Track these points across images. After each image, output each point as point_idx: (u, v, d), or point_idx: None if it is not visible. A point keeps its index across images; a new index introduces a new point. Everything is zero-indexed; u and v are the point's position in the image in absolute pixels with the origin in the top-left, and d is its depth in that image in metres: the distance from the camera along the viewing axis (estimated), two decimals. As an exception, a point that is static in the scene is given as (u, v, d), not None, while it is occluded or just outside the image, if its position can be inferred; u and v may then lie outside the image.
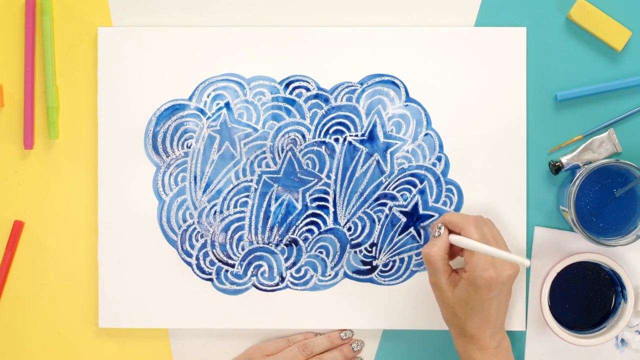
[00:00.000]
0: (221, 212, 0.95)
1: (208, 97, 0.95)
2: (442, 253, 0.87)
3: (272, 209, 0.95)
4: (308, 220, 0.95)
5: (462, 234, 0.86)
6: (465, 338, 0.87)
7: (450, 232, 0.88)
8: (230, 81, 0.95)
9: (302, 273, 0.95)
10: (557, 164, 0.94)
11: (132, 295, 0.95)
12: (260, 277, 0.95)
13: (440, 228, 0.88)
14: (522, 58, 0.94)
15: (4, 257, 0.95)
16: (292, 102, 0.95)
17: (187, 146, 0.95)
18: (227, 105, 0.95)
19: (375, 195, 0.95)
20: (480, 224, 0.87)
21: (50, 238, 0.96)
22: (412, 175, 0.95)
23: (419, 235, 0.95)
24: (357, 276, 0.95)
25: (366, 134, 0.95)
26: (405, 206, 0.95)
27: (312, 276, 0.95)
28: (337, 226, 0.95)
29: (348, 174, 0.95)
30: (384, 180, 0.95)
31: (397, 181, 0.95)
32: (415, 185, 0.95)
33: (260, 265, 0.95)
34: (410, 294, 0.95)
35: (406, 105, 0.95)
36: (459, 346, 0.88)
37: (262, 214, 0.95)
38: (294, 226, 0.95)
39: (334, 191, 0.95)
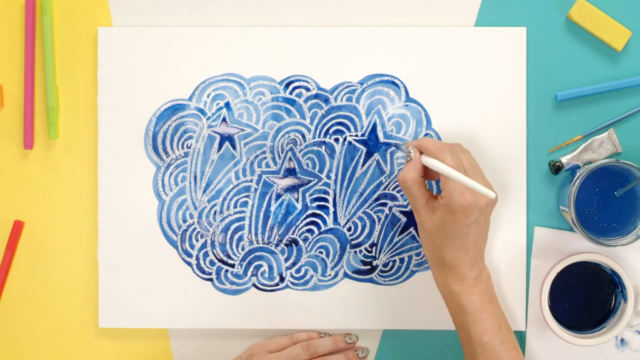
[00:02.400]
0: (221, 212, 0.95)
1: (208, 97, 0.95)
2: (417, 176, 0.86)
3: (272, 209, 0.95)
4: (308, 220, 0.95)
5: (437, 159, 0.84)
6: (444, 268, 0.85)
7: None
8: (230, 81, 0.95)
9: (302, 273, 0.95)
10: (557, 164, 0.94)
11: (132, 295, 0.95)
12: (260, 277, 0.95)
13: (411, 152, 0.87)
14: (522, 58, 0.95)
15: (4, 257, 0.95)
16: (292, 102, 0.95)
17: (187, 146, 0.95)
18: (227, 105, 0.95)
19: (375, 195, 0.95)
20: (456, 151, 0.85)
21: (50, 238, 0.96)
22: (412, 175, 0.95)
23: (419, 235, 0.95)
24: (357, 276, 0.95)
25: (366, 134, 0.95)
26: (405, 206, 0.95)
27: (312, 276, 0.95)
28: (337, 226, 0.95)
29: (348, 174, 0.95)
30: (384, 180, 0.95)
31: (397, 181, 0.95)
32: (415, 185, 0.95)
33: (260, 265, 0.95)
34: (410, 294, 0.95)
35: (406, 105, 0.95)
36: (438, 278, 0.86)
37: (262, 214, 0.95)
38: (294, 226, 0.95)
39: (334, 191, 0.95)
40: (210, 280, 0.95)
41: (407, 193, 0.86)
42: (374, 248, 0.95)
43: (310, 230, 0.95)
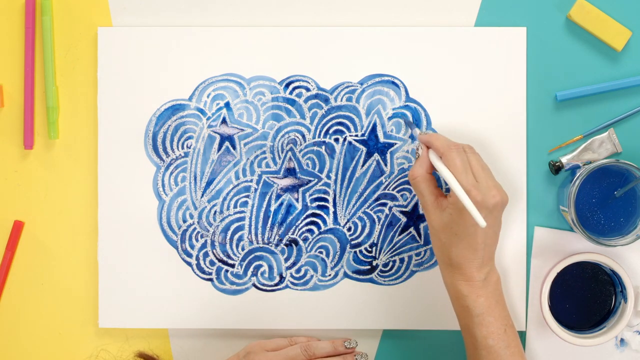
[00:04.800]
0: (221, 212, 0.95)
1: (208, 97, 0.95)
2: (425, 174, 0.86)
3: (272, 209, 0.95)
4: (308, 220, 0.95)
5: (442, 159, 0.84)
6: (452, 268, 0.85)
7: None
8: (230, 81, 0.95)
9: (302, 273, 0.95)
10: (557, 164, 0.94)
11: (132, 295, 0.95)
12: (260, 277, 0.95)
13: (419, 148, 0.87)
14: (522, 58, 0.95)
15: (4, 257, 0.95)
16: (292, 102, 0.95)
17: (187, 146, 0.95)
18: (227, 105, 0.95)
19: (375, 195, 0.95)
20: (462, 151, 0.84)
21: (50, 238, 0.96)
22: (412, 175, 0.95)
23: (419, 235, 0.95)
24: (357, 276, 0.95)
25: (366, 134, 0.95)
26: (405, 206, 0.95)
27: (312, 276, 0.95)
28: (337, 226, 0.95)
29: (348, 174, 0.95)
30: (383, 180, 0.95)
31: (397, 181, 0.95)
32: (415, 185, 0.95)
33: (260, 265, 0.95)
34: (410, 294, 0.95)
35: (406, 105, 0.95)
36: (446, 277, 0.86)
37: (262, 214, 0.95)
38: (294, 226, 0.95)
39: (334, 191, 0.95)
40: (210, 280, 0.95)
41: (415, 190, 0.87)
42: (374, 248, 0.95)
43: (310, 230, 0.95)
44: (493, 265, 0.86)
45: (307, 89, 0.95)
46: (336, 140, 0.95)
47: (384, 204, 0.95)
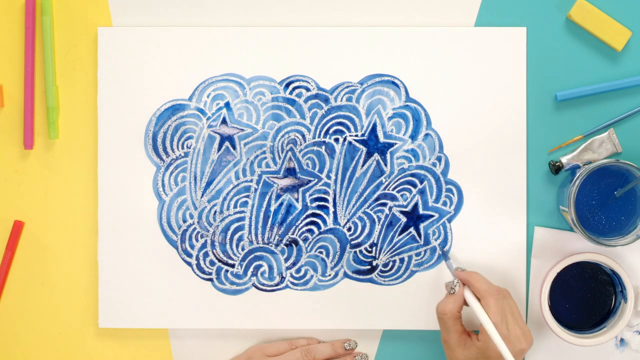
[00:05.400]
0: (221, 212, 0.95)
1: (208, 97, 0.95)
2: (456, 312, 0.88)
3: (272, 209, 0.95)
4: (308, 220, 0.95)
5: (481, 302, 0.86)
6: None
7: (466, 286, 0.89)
8: (230, 81, 0.95)
9: (302, 273, 0.95)
10: (557, 164, 0.94)
11: (132, 295, 0.95)
12: (260, 277, 0.95)
13: (456, 285, 0.88)
14: (522, 58, 0.94)
15: (4, 257, 0.95)
16: (292, 102, 0.95)
17: (187, 146, 0.95)
18: (227, 105, 0.95)
19: (375, 195, 0.95)
20: (501, 298, 0.86)
21: (50, 238, 0.96)
22: (412, 175, 0.95)
23: (419, 235, 0.95)
24: (357, 276, 0.95)
25: (366, 134, 0.95)
26: (405, 206, 0.95)
27: (312, 276, 0.95)
28: (337, 226, 0.95)
29: (348, 174, 0.95)
30: (384, 180, 0.95)
31: (397, 181, 0.95)
32: (415, 186, 0.95)
33: (260, 265, 0.95)
34: (410, 294, 0.95)
35: (406, 105, 0.95)
36: None
37: (262, 214, 0.95)
38: (294, 226, 0.95)
39: (334, 191, 0.95)
40: (210, 280, 0.95)
41: (441, 325, 0.88)
42: (374, 248, 0.95)
43: (310, 230, 0.95)
44: None
45: (307, 89, 0.95)
46: (336, 140, 0.95)
47: (384, 204, 0.95)
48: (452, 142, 0.95)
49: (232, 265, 0.95)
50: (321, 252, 0.95)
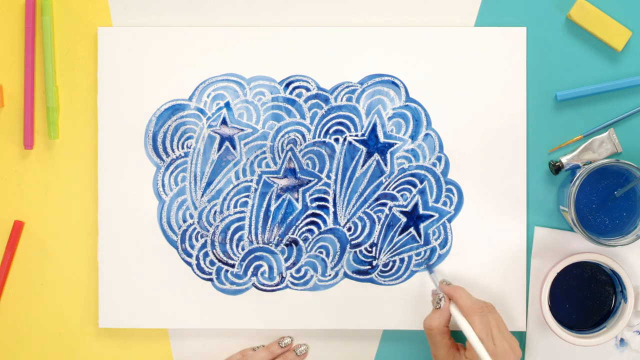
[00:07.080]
0: (221, 212, 0.95)
1: (208, 97, 0.95)
2: (442, 327, 0.88)
3: (272, 209, 0.95)
4: (308, 220, 0.95)
5: (467, 319, 0.87)
6: None
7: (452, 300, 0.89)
8: (230, 81, 0.95)
9: (302, 273, 0.95)
10: (557, 164, 0.94)
11: (132, 295, 0.95)
12: (260, 277, 0.95)
13: (441, 300, 0.89)
14: (522, 58, 0.95)
15: (4, 257, 0.95)
16: (292, 102, 0.95)
17: (187, 146, 0.95)
18: (227, 105, 0.95)
19: (375, 195, 0.95)
20: (485, 313, 0.87)
21: (50, 238, 0.96)
22: (412, 175, 0.95)
23: (419, 235, 0.95)
24: (357, 276, 0.95)
25: (366, 134, 0.95)
26: (405, 206, 0.95)
27: (312, 276, 0.95)
28: (337, 226, 0.95)
29: (348, 174, 0.95)
30: (384, 180, 0.95)
31: (397, 181, 0.95)
32: (415, 185, 0.95)
33: (260, 265, 0.95)
34: (410, 294, 0.95)
35: (406, 105, 0.95)
36: None
37: (262, 214, 0.95)
38: (294, 226, 0.95)
39: (334, 191, 0.95)
40: (210, 280, 0.95)
41: (430, 340, 0.89)
42: (374, 248, 0.95)
43: (310, 230, 0.95)
44: None
45: (307, 89, 0.95)
46: (336, 140, 0.95)
47: (384, 204, 0.95)
48: (452, 142, 0.95)
49: (232, 265, 0.95)
50: (321, 252, 0.95)
